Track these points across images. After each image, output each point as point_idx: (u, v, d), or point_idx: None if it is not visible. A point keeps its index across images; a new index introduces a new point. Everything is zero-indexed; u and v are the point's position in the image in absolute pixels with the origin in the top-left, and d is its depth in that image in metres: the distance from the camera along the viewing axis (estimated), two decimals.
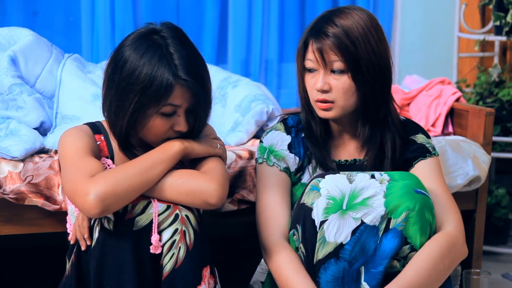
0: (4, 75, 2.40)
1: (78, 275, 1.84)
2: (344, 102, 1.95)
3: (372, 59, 1.93)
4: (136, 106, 1.82)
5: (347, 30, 1.91)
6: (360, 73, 1.92)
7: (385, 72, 1.96)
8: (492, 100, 3.22)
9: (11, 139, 2.25)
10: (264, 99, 2.61)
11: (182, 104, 1.84)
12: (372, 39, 1.93)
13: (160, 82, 1.80)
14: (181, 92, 1.83)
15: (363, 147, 2.02)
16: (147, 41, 1.84)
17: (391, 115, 2.01)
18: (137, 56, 1.82)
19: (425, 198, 1.85)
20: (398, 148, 2.01)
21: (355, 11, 1.95)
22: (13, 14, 3.09)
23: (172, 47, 1.83)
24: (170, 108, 1.84)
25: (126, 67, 1.82)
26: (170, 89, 1.81)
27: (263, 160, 2.05)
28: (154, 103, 1.81)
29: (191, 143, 1.89)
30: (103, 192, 1.73)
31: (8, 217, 2.23)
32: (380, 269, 1.83)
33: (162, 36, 1.85)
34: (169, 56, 1.82)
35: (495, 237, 3.31)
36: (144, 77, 1.80)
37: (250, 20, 3.28)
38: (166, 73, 1.80)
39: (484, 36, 3.33)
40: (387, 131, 2.01)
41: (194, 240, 1.81)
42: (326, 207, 1.82)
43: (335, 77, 1.94)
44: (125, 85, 1.82)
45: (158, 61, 1.81)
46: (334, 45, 1.91)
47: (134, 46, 1.84)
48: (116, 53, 1.87)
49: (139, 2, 3.15)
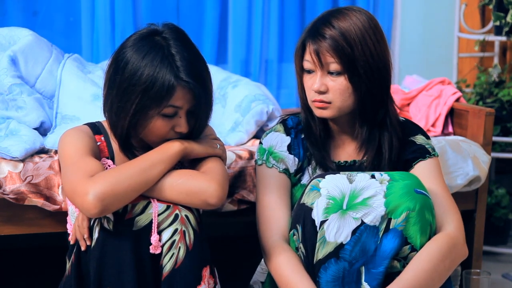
0: (4, 75, 2.40)
1: (78, 275, 1.84)
2: (341, 103, 1.95)
3: (369, 61, 1.92)
4: (137, 107, 1.82)
5: (344, 32, 1.91)
6: (357, 75, 1.92)
7: (383, 73, 1.96)
8: (492, 100, 3.22)
9: (11, 139, 2.25)
10: (264, 99, 2.61)
11: (183, 105, 1.84)
12: (369, 40, 1.93)
13: (162, 83, 1.80)
14: (183, 94, 1.83)
15: (361, 148, 2.03)
16: (149, 42, 1.84)
17: (390, 116, 2.01)
18: (139, 57, 1.82)
19: (425, 198, 1.85)
20: (395, 150, 2.01)
21: (354, 12, 1.95)
22: (13, 14, 3.09)
23: (174, 49, 1.83)
24: (171, 110, 1.84)
25: (128, 68, 1.83)
26: (171, 91, 1.81)
27: (262, 161, 2.05)
28: (156, 104, 1.81)
29: (191, 144, 1.89)
30: (102, 192, 1.73)
31: (8, 217, 2.23)
32: (380, 270, 1.83)
33: (164, 37, 1.85)
34: (171, 58, 1.82)
35: (495, 237, 3.31)
36: (146, 79, 1.80)
37: (250, 20, 3.28)
38: (168, 75, 1.80)
39: (484, 36, 3.33)
40: (385, 132, 2.00)
41: (194, 240, 1.81)
42: (326, 207, 1.82)
43: (332, 78, 1.94)
44: (127, 86, 1.82)
45: (160, 63, 1.81)
46: (330, 47, 1.91)
47: (135, 47, 1.84)
48: (117, 54, 1.87)
49: (139, 2, 3.15)
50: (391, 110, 2.01)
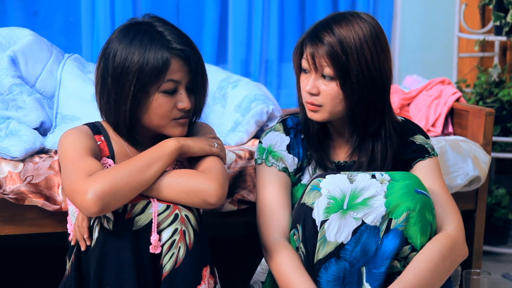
0: (4, 75, 2.40)
1: (78, 275, 1.84)
2: (331, 108, 1.96)
3: (364, 71, 1.92)
4: (136, 86, 1.83)
5: (341, 40, 1.91)
6: (349, 83, 1.92)
7: (378, 84, 1.94)
8: (492, 100, 3.22)
9: (11, 139, 2.25)
10: (264, 99, 2.61)
11: (181, 79, 1.86)
12: (367, 51, 1.92)
13: (156, 58, 1.82)
14: (179, 65, 1.85)
15: (353, 155, 2.02)
16: (133, 29, 1.88)
17: (385, 128, 1.99)
18: (126, 42, 1.85)
19: (426, 198, 1.85)
20: (389, 162, 2.00)
21: (358, 20, 1.94)
22: (13, 14, 3.09)
23: (159, 27, 1.87)
24: (171, 84, 1.85)
25: (118, 55, 1.85)
26: (167, 63, 1.83)
27: (262, 160, 2.06)
28: (154, 80, 1.83)
29: (187, 141, 1.89)
30: (101, 191, 1.73)
31: (8, 217, 2.23)
32: (382, 270, 1.83)
33: (146, 22, 1.89)
34: (159, 35, 1.85)
35: (495, 237, 3.31)
36: (138, 58, 1.83)
37: (250, 20, 3.28)
38: (161, 49, 1.83)
39: (484, 36, 3.33)
40: (378, 144, 2.00)
41: (194, 240, 1.81)
42: (327, 207, 1.82)
43: (324, 82, 1.94)
44: (120, 70, 1.84)
45: (149, 41, 1.84)
46: (326, 52, 1.92)
47: (120, 36, 1.87)
48: (104, 49, 1.90)
49: (139, 2, 3.15)
50: (387, 121, 1.99)
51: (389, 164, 1.99)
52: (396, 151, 2.01)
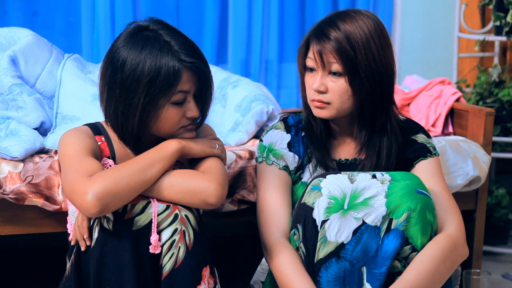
0: (4, 75, 2.40)
1: (78, 275, 1.84)
2: (340, 105, 1.96)
3: (372, 66, 1.92)
4: (146, 99, 1.82)
5: (348, 35, 1.92)
6: (358, 78, 1.92)
7: (385, 79, 1.95)
8: (492, 100, 3.22)
9: (11, 139, 2.25)
10: (264, 99, 2.61)
11: (190, 89, 1.86)
12: (373, 46, 1.93)
13: (167, 70, 1.81)
14: (188, 76, 1.84)
15: (361, 151, 2.03)
16: (140, 37, 1.86)
17: (391, 122, 2.00)
18: (136, 52, 1.83)
19: (426, 199, 1.85)
20: (394, 157, 2.00)
21: (360, 16, 1.95)
22: (13, 14, 3.09)
23: (166, 37, 1.85)
24: (181, 96, 1.85)
25: (127, 65, 1.83)
26: (178, 75, 1.82)
27: (262, 159, 2.06)
28: (165, 92, 1.82)
29: (188, 142, 1.89)
30: (101, 191, 1.73)
31: (8, 217, 2.23)
32: (382, 270, 1.83)
33: (152, 29, 1.87)
34: (167, 45, 1.84)
35: (495, 237, 3.31)
36: (149, 70, 1.81)
37: (250, 20, 3.28)
38: (171, 61, 1.82)
39: (484, 36, 3.33)
40: (384, 138, 2.00)
41: (194, 240, 1.81)
42: (327, 207, 1.82)
43: (332, 79, 1.94)
44: (130, 82, 1.82)
45: (159, 52, 1.83)
46: (333, 48, 1.92)
47: (129, 44, 1.85)
48: (111, 57, 1.87)
49: (139, 2, 3.15)
50: (392, 116, 2.01)
51: (393, 160, 2.00)
52: (400, 145, 2.01)
